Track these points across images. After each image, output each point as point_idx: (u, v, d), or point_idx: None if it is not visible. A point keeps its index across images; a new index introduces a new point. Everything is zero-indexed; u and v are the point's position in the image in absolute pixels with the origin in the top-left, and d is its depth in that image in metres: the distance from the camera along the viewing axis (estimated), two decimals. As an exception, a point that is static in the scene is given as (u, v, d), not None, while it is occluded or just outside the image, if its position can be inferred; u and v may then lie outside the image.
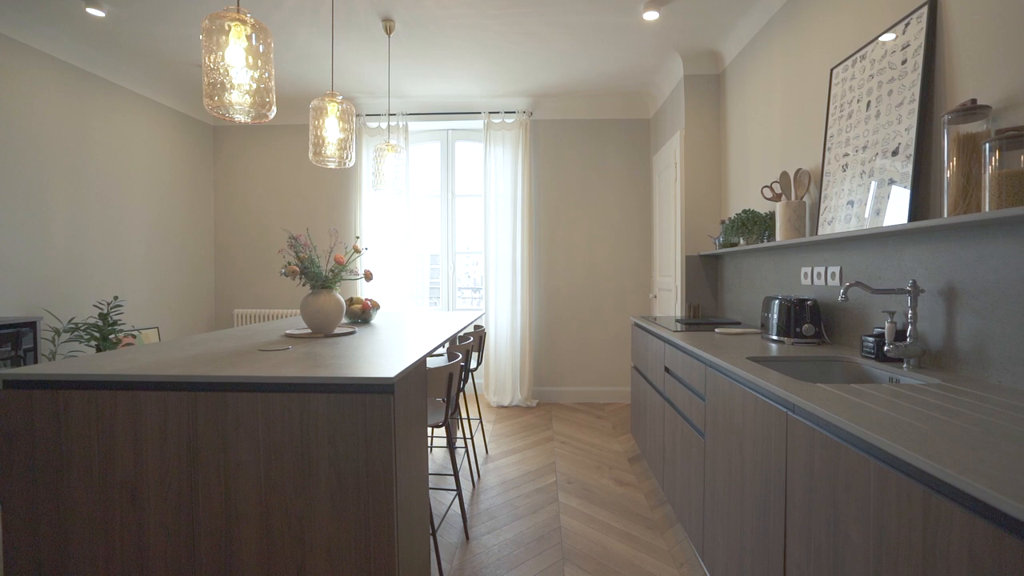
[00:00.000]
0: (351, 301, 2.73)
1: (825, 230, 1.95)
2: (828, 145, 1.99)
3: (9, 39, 2.91)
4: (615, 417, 3.99)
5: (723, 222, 3.04)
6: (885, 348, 1.47)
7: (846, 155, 1.85)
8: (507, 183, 4.30)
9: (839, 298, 1.48)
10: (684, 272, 3.39)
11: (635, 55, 3.48)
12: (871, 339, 1.60)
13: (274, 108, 1.54)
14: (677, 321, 2.88)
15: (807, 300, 1.97)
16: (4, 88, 2.88)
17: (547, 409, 4.22)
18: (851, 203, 1.80)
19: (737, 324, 2.71)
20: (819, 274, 2.10)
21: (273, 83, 1.51)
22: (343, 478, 1.36)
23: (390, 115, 4.39)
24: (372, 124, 4.43)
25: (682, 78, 3.43)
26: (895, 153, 1.58)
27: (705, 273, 3.38)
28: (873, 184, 1.68)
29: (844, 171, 1.86)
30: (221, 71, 1.39)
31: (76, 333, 3.03)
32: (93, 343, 3.17)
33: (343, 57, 3.51)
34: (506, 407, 4.27)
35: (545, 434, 3.59)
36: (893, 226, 1.43)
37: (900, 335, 1.52)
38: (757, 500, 1.38)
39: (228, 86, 1.41)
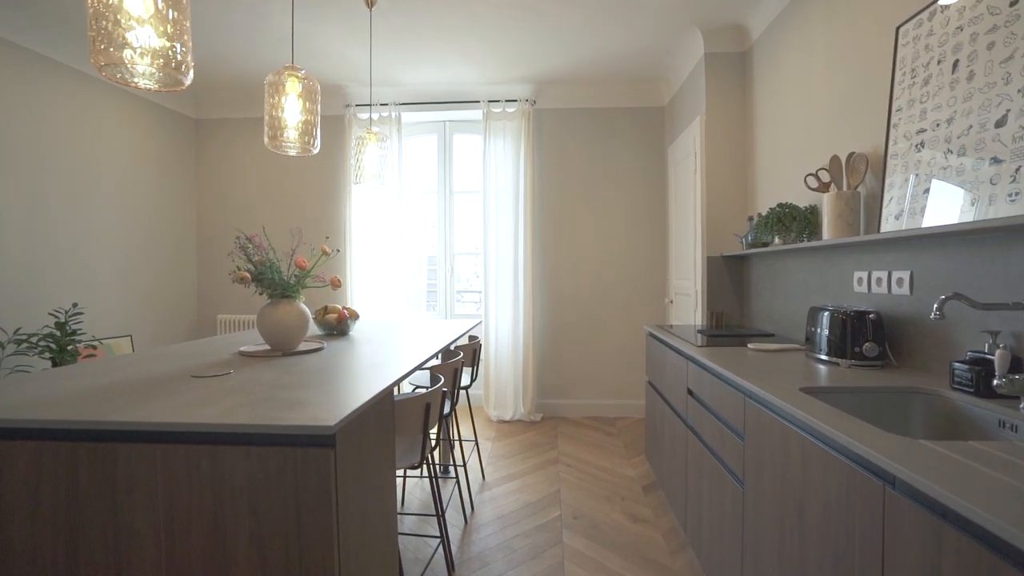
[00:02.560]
0: (325, 310, 2.39)
1: (890, 226, 1.58)
2: (894, 121, 1.61)
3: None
4: (627, 434, 3.62)
5: (751, 218, 2.67)
6: (994, 382, 1.10)
7: (922, 131, 1.48)
8: (508, 178, 3.94)
9: (932, 315, 1.11)
10: (705, 275, 3.01)
11: (648, 33, 3.11)
12: (965, 367, 1.23)
13: (191, 73, 1.20)
14: (698, 332, 2.51)
15: (868, 312, 1.60)
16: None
17: (552, 424, 3.86)
18: (927, 192, 1.42)
19: (770, 337, 2.34)
20: (879, 280, 1.72)
21: (189, 39, 1.17)
22: (268, 558, 1.02)
23: (372, 104, 4.05)
24: (363, 115, 4.10)
25: (702, 57, 3.05)
26: (1000, 124, 1.21)
27: (729, 276, 3.00)
28: (966, 166, 1.30)
29: (918, 151, 1.48)
30: (110, 16, 1.06)
31: (24, 345, 2.72)
32: (48, 356, 2.87)
33: (325, 39, 3.18)
34: (507, 422, 3.92)
35: (549, 455, 3.24)
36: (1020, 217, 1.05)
37: (1015, 364, 1.14)
38: (827, 592, 1.01)
39: (121, 39, 1.07)
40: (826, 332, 1.69)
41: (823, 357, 1.69)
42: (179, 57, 1.15)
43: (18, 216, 2.91)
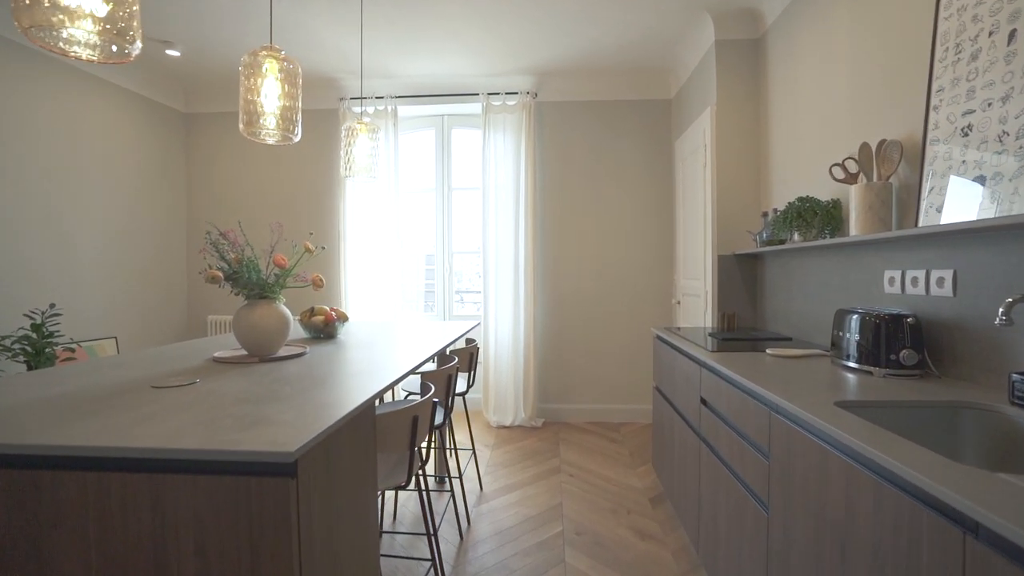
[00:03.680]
0: (311, 312, 2.24)
1: (931, 219, 1.42)
2: (934, 104, 1.45)
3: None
4: (632, 441, 3.46)
5: (765, 214, 2.51)
6: (1070, 399, 0.94)
7: (969, 112, 1.31)
8: (508, 174, 3.78)
9: (997, 321, 0.95)
10: (716, 275, 2.85)
11: (655, 19, 2.95)
12: (1028, 379, 1.07)
13: (139, 44, 1.04)
14: (710, 335, 2.35)
15: (905, 316, 1.43)
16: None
17: (554, 430, 3.70)
18: (981, 178, 1.26)
19: (788, 340, 2.18)
20: (915, 279, 1.56)
21: (136, 3, 1.02)
22: (220, 607, 0.87)
23: (366, 96, 3.90)
24: (358, 109, 3.95)
25: (713, 44, 2.89)
26: (1071, 99, 1.04)
27: (742, 276, 2.83)
28: (1026, 149, 1.14)
29: (965, 135, 1.32)
30: (35, -27, 0.90)
31: (-4, 349, 2.58)
32: (23, 359, 2.72)
33: (317, 29, 3.03)
34: (507, 428, 3.76)
35: (551, 463, 3.08)
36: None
37: (1094, 379, 0.98)
38: (879, 649, 0.85)
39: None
40: (856, 337, 1.53)
41: (852, 365, 1.53)
42: (122, 24, 1.00)
43: (-8, 212, 2.76)
